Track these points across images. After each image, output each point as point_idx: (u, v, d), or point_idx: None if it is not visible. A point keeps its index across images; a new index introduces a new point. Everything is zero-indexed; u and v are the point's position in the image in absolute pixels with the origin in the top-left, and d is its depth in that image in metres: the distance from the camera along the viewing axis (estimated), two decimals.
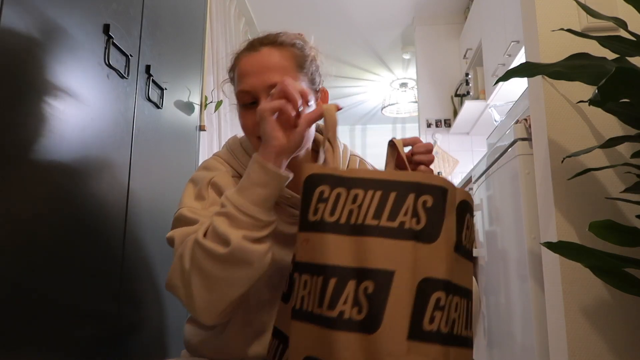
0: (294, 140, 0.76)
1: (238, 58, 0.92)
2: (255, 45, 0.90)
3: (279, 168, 0.77)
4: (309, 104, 0.88)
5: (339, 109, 0.76)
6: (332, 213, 0.68)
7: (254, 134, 0.89)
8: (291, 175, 0.79)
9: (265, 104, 0.75)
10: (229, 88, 0.99)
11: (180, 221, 0.86)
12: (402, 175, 0.69)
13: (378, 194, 0.67)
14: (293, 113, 0.75)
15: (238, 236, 0.75)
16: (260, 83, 0.86)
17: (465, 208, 0.72)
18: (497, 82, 0.97)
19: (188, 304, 0.78)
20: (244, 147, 0.97)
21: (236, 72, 0.91)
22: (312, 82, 0.92)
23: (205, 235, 0.77)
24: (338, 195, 0.68)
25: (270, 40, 0.90)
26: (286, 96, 0.74)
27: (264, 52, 0.88)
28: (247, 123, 0.89)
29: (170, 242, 0.84)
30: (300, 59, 0.90)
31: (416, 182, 0.67)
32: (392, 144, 0.86)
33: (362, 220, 0.66)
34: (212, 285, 0.76)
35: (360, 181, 0.68)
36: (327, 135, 0.77)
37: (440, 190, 0.67)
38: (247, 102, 0.88)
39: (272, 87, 0.85)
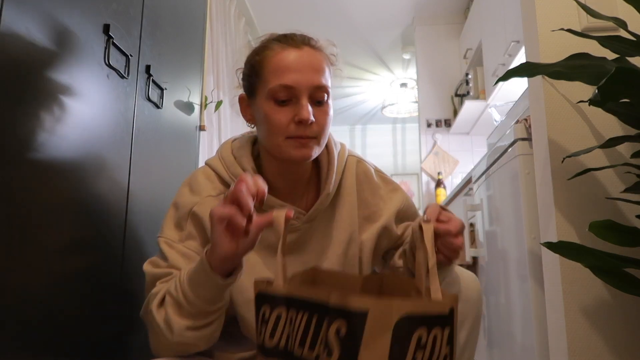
0: (243, 247, 0.72)
1: (271, 49, 0.87)
2: (296, 41, 0.87)
3: (226, 272, 0.76)
4: (329, 114, 0.88)
5: (288, 216, 0.73)
6: (271, 336, 0.64)
7: (284, 133, 0.85)
8: (237, 278, 0.78)
9: (216, 210, 0.70)
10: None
11: (159, 251, 0.91)
12: (322, 294, 0.59)
13: (305, 316, 0.60)
14: (243, 222, 0.69)
15: (182, 327, 0.78)
16: (306, 82, 0.84)
17: (415, 323, 0.56)
18: (497, 82, 0.98)
19: (150, 342, 0.85)
20: (236, 155, 0.94)
21: (270, 63, 0.86)
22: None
23: (161, 304, 0.81)
24: (278, 317, 0.64)
25: (310, 43, 0.88)
26: (238, 202, 0.69)
27: (307, 51, 0.87)
28: (282, 120, 0.84)
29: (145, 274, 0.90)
30: (331, 66, 0.91)
31: (327, 304, 0.57)
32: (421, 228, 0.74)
33: (292, 347, 0.60)
34: (164, 348, 0.82)
35: (294, 301, 0.61)
36: (279, 243, 0.73)
37: (356, 315, 0.55)
38: (284, 99, 0.84)
39: (315, 89, 0.85)
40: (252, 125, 0.96)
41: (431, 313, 0.58)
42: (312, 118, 0.84)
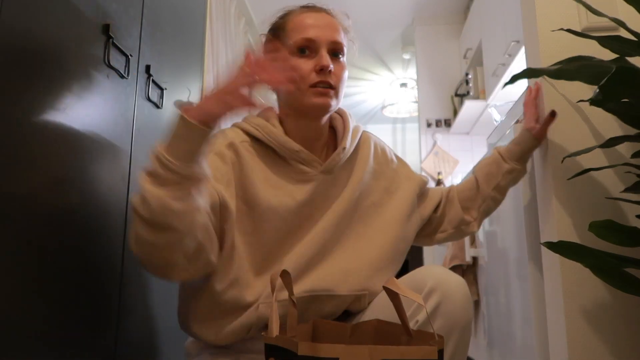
0: (226, 113, 0.81)
1: (294, 14, 1.00)
2: (315, 8, 1.01)
3: (204, 124, 0.80)
4: (345, 69, 1.01)
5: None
6: None
7: (308, 82, 0.95)
8: (213, 130, 0.81)
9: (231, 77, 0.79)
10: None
11: None
12: (292, 344, 0.60)
13: None
14: (246, 97, 0.78)
15: (159, 196, 0.77)
16: (325, 36, 0.97)
17: None
18: (504, 85, 0.97)
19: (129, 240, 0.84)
20: (256, 114, 1.04)
21: (292, 23, 0.99)
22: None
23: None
24: None
25: (327, 10, 1.02)
26: (248, 78, 0.77)
27: (325, 15, 1.01)
28: (304, 69, 0.95)
29: None
30: (346, 32, 1.03)
31: (296, 354, 0.58)
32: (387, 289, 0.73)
33: None
34: (142, 236, 0.80)
35: (304, 359, 0.60)
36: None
37: None
38: (305, 49, 0.96)
39: (333, 43, 0.98)
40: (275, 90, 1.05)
41: (412, 359, 0.59)
42: (331, 66, 0.95)
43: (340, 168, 1.03)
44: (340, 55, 0.99)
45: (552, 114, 1.13)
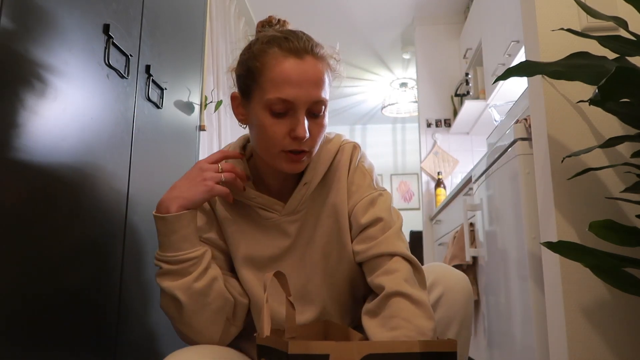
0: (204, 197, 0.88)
1: (271, 56, 0.84)
2: (298, 49, 0.83)
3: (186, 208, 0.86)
4: (324, 126, 0.89)
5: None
6: None
7: (280, 147, 0.84)
8: (194, 212, 0.87)
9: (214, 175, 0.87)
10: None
11: None
12: (282, 344, 0.61)
13: None
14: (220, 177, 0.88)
15: (182, 288, 0.84)
16: (305, 96, 0.82)
17: None
18: (496, 80, 0.97)
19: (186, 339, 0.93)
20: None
21: (269, 72, 0.83)
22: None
23: (162, 299, 0.87)
24: None
25: (312, 49, 0.85)
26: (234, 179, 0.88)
27: (309, 62, 0.83)
28: (277, 133, 0.83)
29: None
30: (331, 75, 0.89)
31: (286, 354, 0.60)
32: None
33: None
34: (192, 327, 0.88)
35: (295, 357, 0.60)
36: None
37: (317, 357, 0.59)
38: (281, 111, 0.83)
39: (314, 104, 0.84)
40: (244, 126, 0.95)
41: (395, 352, 0.61)
42: (307, 135, 0.83)
43: (310, 199, 0.94)
44: (322, 110, 0.86)
45: None
